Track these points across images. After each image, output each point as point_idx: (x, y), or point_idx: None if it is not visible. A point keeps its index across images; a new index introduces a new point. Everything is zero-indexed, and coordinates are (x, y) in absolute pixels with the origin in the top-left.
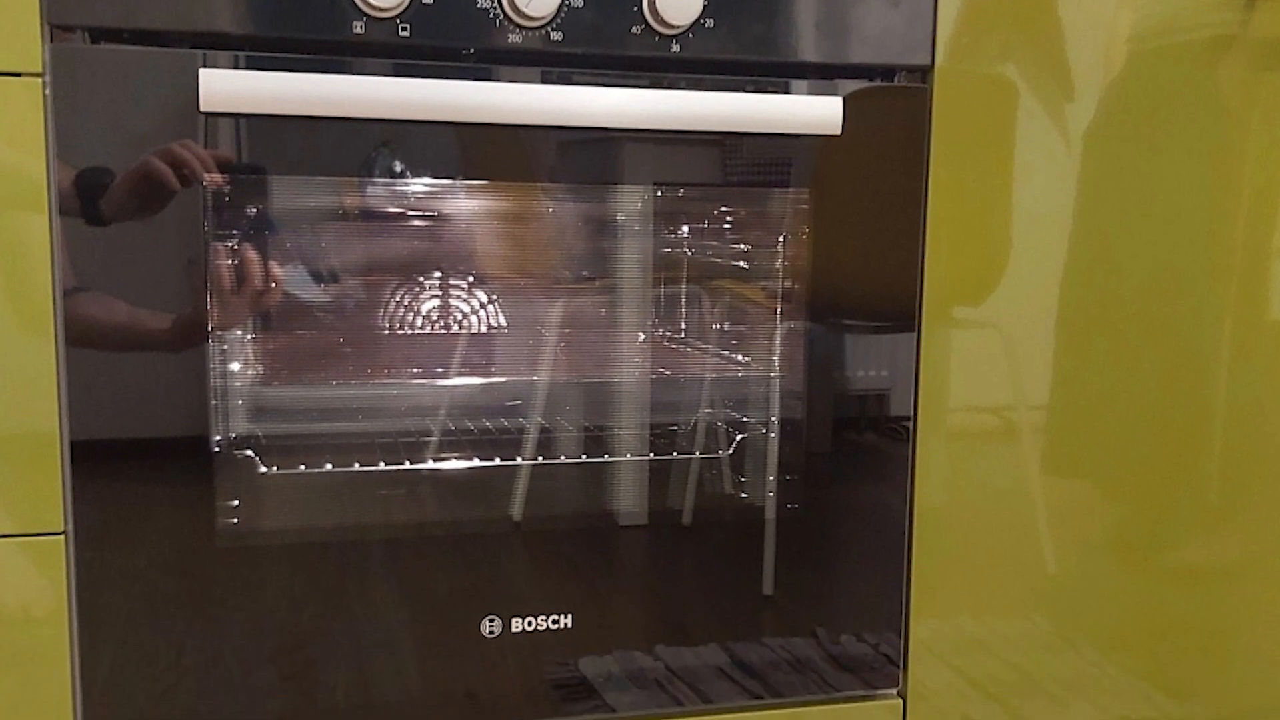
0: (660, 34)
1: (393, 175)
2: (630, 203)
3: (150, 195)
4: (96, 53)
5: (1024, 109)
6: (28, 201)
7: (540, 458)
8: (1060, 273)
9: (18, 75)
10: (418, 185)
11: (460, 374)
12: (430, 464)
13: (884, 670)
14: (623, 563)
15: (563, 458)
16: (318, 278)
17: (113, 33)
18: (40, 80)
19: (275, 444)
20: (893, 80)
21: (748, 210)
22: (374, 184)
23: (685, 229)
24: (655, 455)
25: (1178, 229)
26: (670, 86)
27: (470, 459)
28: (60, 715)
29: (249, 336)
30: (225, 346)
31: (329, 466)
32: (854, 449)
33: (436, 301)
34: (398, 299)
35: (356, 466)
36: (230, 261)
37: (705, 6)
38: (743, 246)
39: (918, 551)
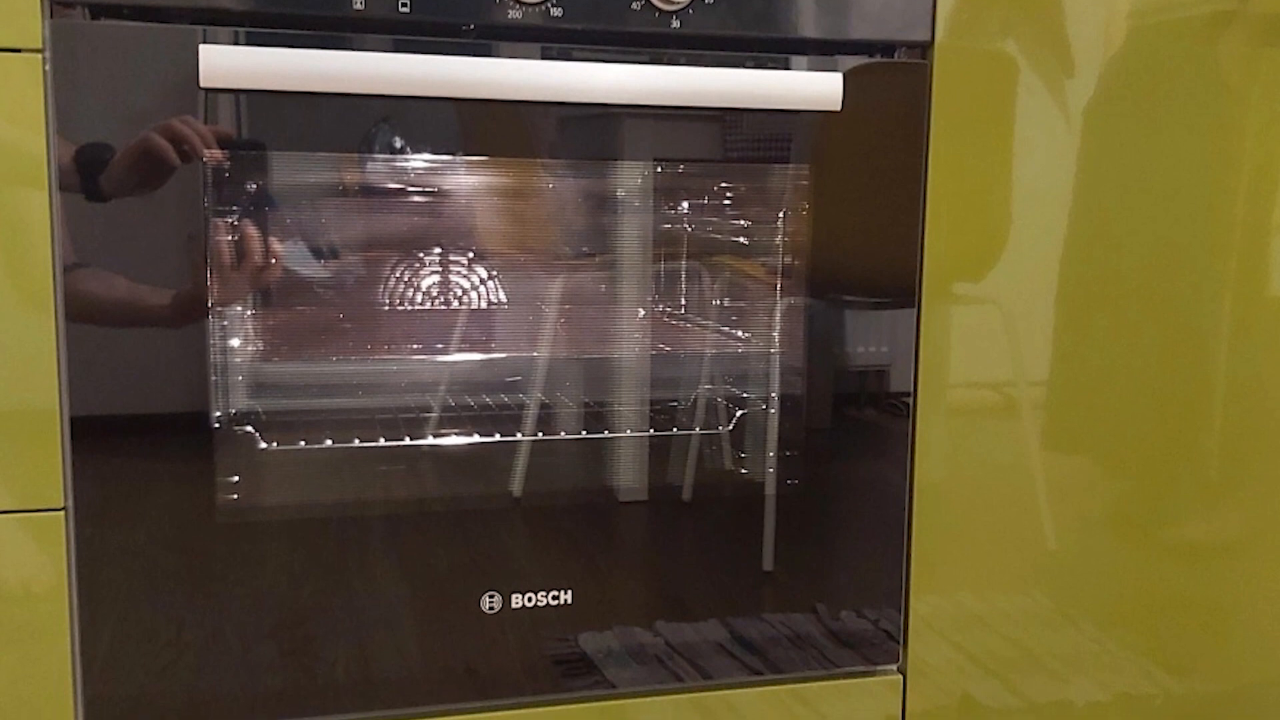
0: (660, 10)
1: (393, 151)
2: (630, 179)
3: (150, 171)
4: (96, 28)
5: (1024, 85)
6: (28, 177)
7: (540, 433)
8: (1060, 249)
9: (18, 51)
10: (418, 161)
11: (460, 350)
12: (430, 440)
13: (884, 646)
14: (623, 538)
15: (563, 433)
16: (318, 254)
17: (113, 8)
18: (40, 56)
19: (275, 420)
20: (893, 56)
21: (748, 186)
22: (374, 160)
23: (685, 205)
24: (655, 431)
25: (1178, 205)
26: (670, 62)
27: (470, 435)
28: (60, 691)
29: (249, 312)
30: (225, 322)
31: (329, 442)
32: (854, 425)
33: (436, 277)
34: (398, 275)
35: (356, 442)
36: (230, 237)
37: None
38: (743, 222)
39: (918, 527)
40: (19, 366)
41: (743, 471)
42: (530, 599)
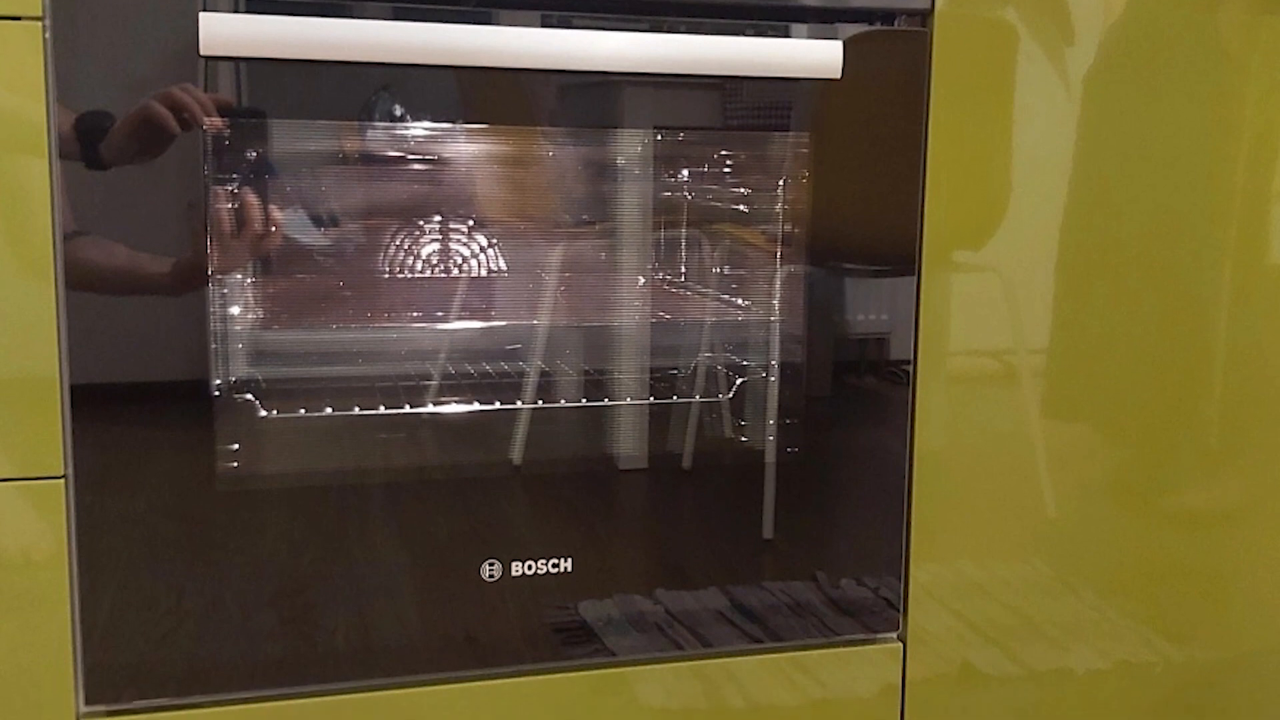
0: None
1: (393, 119)
2: (630, 147)
3: (150, 139)
4: None
5: (1024, 53)
6: (28, 145)
7: (540, 401)
8: (1060, 216)
9: (17, 19)
10: (418, 129)
11: (460, 318)
12: (430, 408)
13: (884, 614)
14: (623, 506)
15: (563, 401)
16: (318, 222)
17: None
18: (40, 24)
19: (275, 388)
20: (893, 24)
21: (748, 154)
22: (374, 128)
23: (685, 173)
24: (655, 399)
25: (1178, 172)
26: (670, 30)
27: (470, 403)
28: (60, 659)
29: (249, 280)
30: (225, 290)
31: (329, 410)
32: (854, 393)
33: (436, 245)
34: (398, 243)
35: (356, 410)
36: (230, 205)
37: None
38: (743, 190)
39: (918, 495)
40: (19, 334)
41: (743, 439)
42: (530, 567)
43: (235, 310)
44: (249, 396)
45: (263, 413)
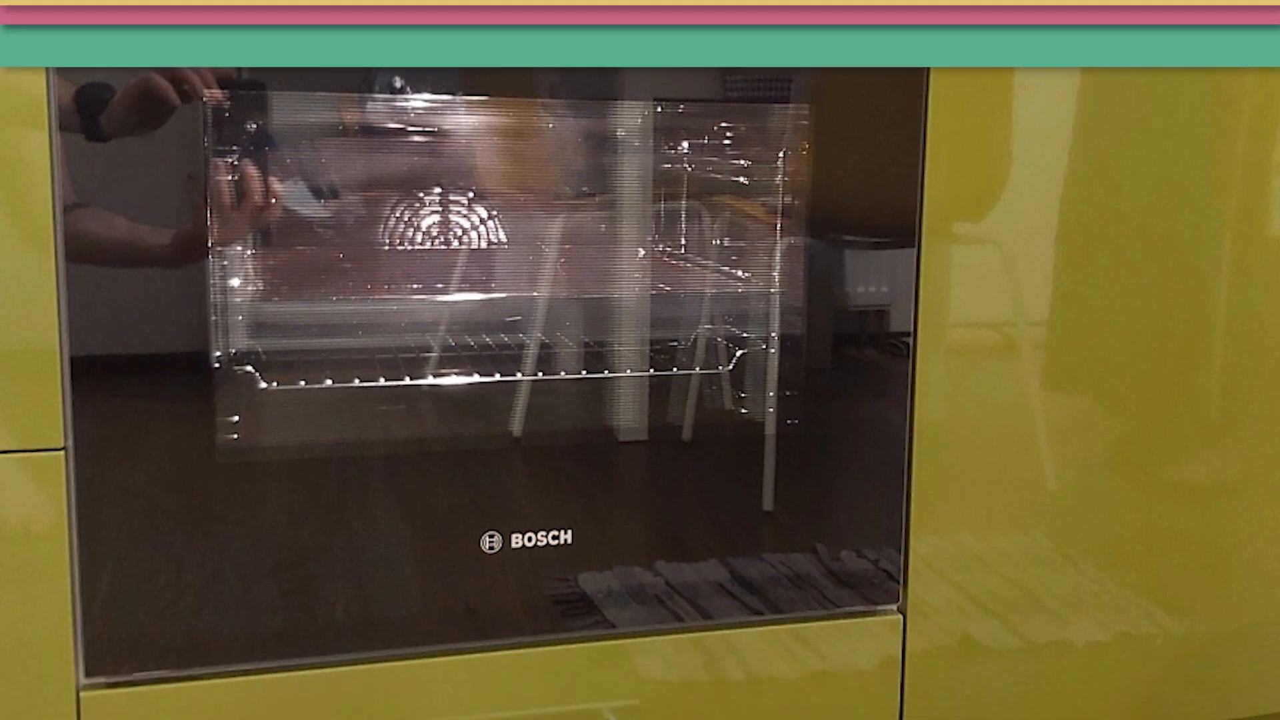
0: None
1: (393, 91)
2: (630, 118)
3: (150, 111)
4: None
5: None
6: (28, 117)
7: (540, 373)
8: (1060, 188)
9: None
10: (418, 101)
11: (460, 289)
12: (430, 380)
13: (884, 586)
14: (623, 478)
15: (563, 373)
16: (318, 193)
17: None
18: None
19: (275, 360)
20: None
21: (748, 126)
22: (374, 100)
23: (685, 145)
24: (655, 371)
25: (1178, 144)
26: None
27: (470, 375)
28: (60, 631)
29: (249, 252)
30: (225, 262)
31: (329, 382)
32: (854, 365)
33: (436, 217)
34: (398, 215)
35: (356, 382)
36: (230, 177)
37: None
38: (743, 162)
39: (918, 467)
40: (19, 306)
41: (743, 411)
42: (530, 539)
43: (235, 282)
44: (249, 368)
45: (263, 385)
